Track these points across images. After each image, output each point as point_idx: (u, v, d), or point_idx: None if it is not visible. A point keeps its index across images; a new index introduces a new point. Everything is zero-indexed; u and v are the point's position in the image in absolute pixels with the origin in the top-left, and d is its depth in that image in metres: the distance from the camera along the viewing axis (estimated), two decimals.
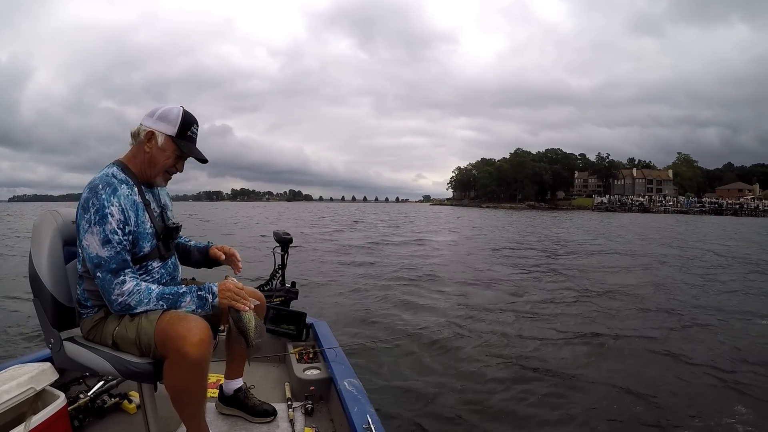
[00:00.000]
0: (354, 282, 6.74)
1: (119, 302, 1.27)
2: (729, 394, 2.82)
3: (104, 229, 1.25)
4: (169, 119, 1.38)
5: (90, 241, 1.26)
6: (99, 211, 1.26)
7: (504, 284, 6.67)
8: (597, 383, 2.95)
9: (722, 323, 4.46)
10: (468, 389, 2.85)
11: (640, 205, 73.63)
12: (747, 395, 2.77)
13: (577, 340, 3.89)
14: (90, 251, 1.27)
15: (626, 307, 5.19)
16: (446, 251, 11.38)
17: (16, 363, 1.44)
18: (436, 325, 4.31)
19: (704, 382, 3.00)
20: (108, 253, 1.26)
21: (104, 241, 1.26)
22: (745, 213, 63.63)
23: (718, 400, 2.73)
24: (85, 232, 1.27)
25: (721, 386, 2.93)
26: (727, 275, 7.71)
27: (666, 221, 34.42)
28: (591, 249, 12.16)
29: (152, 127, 1.38)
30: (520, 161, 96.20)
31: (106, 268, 1.26)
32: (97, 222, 1.25)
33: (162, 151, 1.38)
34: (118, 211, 1.28)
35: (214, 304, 1.35)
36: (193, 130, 1.42)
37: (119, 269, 1.27)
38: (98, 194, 1.28)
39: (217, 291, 1.35)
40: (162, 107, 1.40)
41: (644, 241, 15.36)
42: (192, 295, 1.32)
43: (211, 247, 1.65)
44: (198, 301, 1.33)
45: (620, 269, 8.37)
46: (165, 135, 1.37)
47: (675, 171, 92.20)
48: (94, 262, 1.26)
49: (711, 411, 2.59)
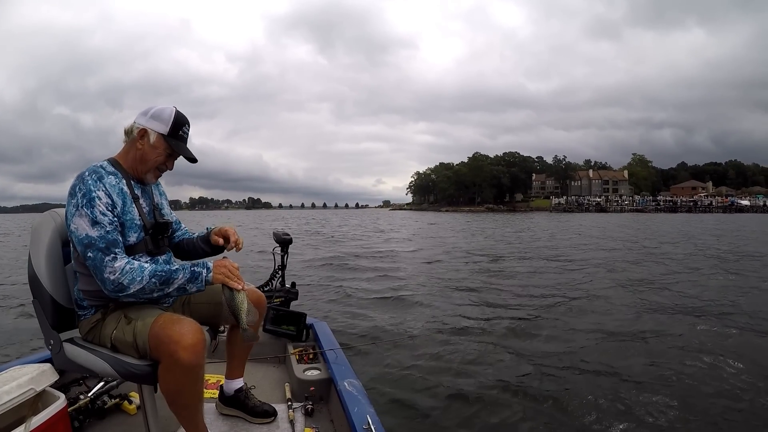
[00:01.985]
0: (352, 284, 6.75)
1: (111, 280, 1.24)
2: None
3: (92, 211, 1.26)
4: (162, 118, 1.40)
5: (78, 223, 1.26)
6: (86, 195, 1.27)
7: (499, 287, 6.67)
8: (601, 383, 2.95)
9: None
10: (468, 389, 2.85)
11: (596, 205, 75.67)
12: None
13: (578, 341, 3.88)
14: (79, 233, 1.26)
15: (632, 303, 5.19)
16: (429, 254, 11.38)
17: (17, 364, 1.44)
18: (437, 326, 4.31)
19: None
20: (98, 233, 1.25)
21: (93, 222, 1.26)
22: (699, 210, 65.94)
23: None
24: (73, 216, 1.27)
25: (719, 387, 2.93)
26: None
27: (622, 220, 35.02)
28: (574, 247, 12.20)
29: (145, 125, 1.40)
30: (479, 165, 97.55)
31: (97, 247, 1.25)
32: (84, 205, 1.26)
33: (154, 148, 1.41)
34: (104, 195, 1.30)
35: (208, 279, 1.32)
36: (185, 130, 1.45)
37: (109, 246, 1.26)
38: (84, 180, 1.29)
39: (212, 266, 1.33)
40: (155, 107, 1.43)
41: (610, 239, 15.69)
42: (185, 271, 1.30)
43: (211, 233, 1.59)
44: (191, 277, 1.30)
45: (599, 268, 8.39)
46: (157, 133, 1.40)
47: (630, 171, 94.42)
48: (84, 243, 1.25)
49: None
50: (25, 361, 1.56)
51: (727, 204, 67.46)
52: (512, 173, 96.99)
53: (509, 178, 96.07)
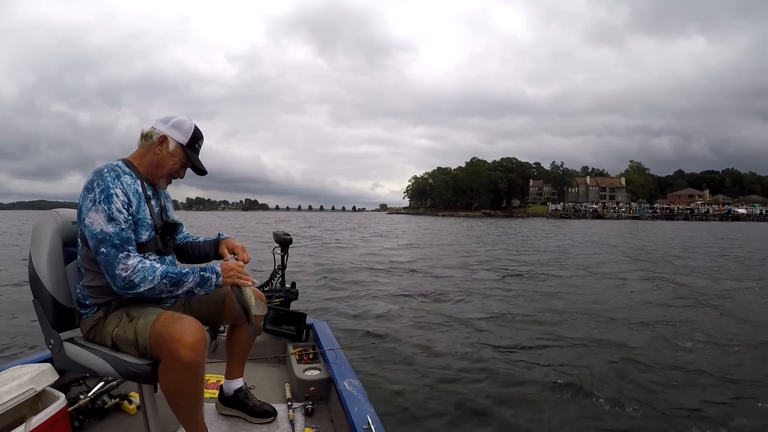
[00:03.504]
0: (353, 285, 6.75)
1: (123, 277, 1.27)
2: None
3: (109, 207, 1.29)
4: (183, 129, 1.47)
5: (94, 218, 1.28)
6: (104, 191, 1.29)
7: (500, 289, 6.68)
8: (607, 384, 2.94)
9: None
10: (468, 390, 2.85)
11: (593, 212, 75.47)
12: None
13: (580, 342, 3.89)
14: (94, 228, 1.28)
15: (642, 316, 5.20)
16: (430, 254, 11.39)
17: (17, 364, 1.44)
18: (437, 327, 4.32)
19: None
20: (113, 229, 1.28)
21: (109, 218, 1.28)
22: (695, 218, 66.01)
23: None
24: (89, 211, 1.29)
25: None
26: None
27: (620, 227, 34.66)
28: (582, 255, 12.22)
29: (166, 132, 1.46)
30: (476, 170, 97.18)
31: (111, 243, 1.27)
32: (102, 201, 1.29)
33: (171, 156, 1.46)
34: (122, 192, 1.33)
35: (218, 284, 1.37)
36: (200, 144, 1.53)
37: (123, 244, 1.29)
38: (103, 176, 1.32)
39: (220, 271, 1.38)
40: (176, 117, 1.49)
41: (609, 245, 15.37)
42: (195, 275, 1.34)
43: (221, 244, 1.59)
44: (200, 281, 1.35)
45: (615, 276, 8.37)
46: (176, 142, 1.46)
47: (627, 178, 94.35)
48: (98, 238, 1.27)
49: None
50: (25, 361, 1.56)
51: (723, 212, 67.53)
52: (510, 179, 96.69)
53: (507, 183, 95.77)
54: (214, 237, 1.66)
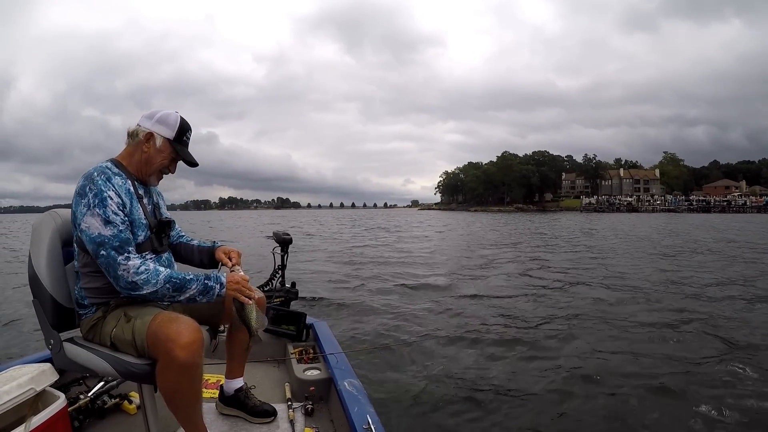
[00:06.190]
0: (355, 286, 6.74)
1: (125, 278, 1.26)
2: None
3: (105, 211, 1.28)
4: (168, 123, 1.44)
5: (90, 222, 1.27)
6: (97, 195, 1.29)
7: (506, 291, 6.66)
8: (612, 387, 2.92)
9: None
10: (469, 390, 2.85)
11: (628, 205, 73.79)
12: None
13: (582, 343, 3.88)
14: (91, 232, 1.27)
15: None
16: (445, 256, 11.33)
17: (17, 364, 1.44)
18: (437, 327, 4.31)
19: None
20: (111, 232, 1.27)
21: (106, 221, 1.28)
22: (732, 210, 63.89)
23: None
24: (84, 216, 1.28)
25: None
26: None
27: (657, 221, 33.68)
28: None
29: (151, 128, 1.43)
30: (508, 164, 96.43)
31: (110, 245, 1.27)
32: (96, 205, 1.28)
33: (159, 152, 1.44)
34: (115, 194, 1.32)
35: (221, 295, 1.36)
36: (188, 136, 1.50)
37: (123, 245, 1.28)
38: (94, 180, 1.31)
39: (225, 282, 1.36)
40: (160, 111, 1.45)
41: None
42: (198, 283, 1.33)
43: (217, 250, 1.60)
44: (203, 289, 1.33)
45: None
46: (163, 137, 1.43)
47: (661, 170, 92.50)
48: (96, 242, 1.27)
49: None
50: (25, 361, 1.56)
51: (762, 204, 64.64)
52: (542, 172, 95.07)
53: (539, 177, 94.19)
54: (209, 244, 1.64)
